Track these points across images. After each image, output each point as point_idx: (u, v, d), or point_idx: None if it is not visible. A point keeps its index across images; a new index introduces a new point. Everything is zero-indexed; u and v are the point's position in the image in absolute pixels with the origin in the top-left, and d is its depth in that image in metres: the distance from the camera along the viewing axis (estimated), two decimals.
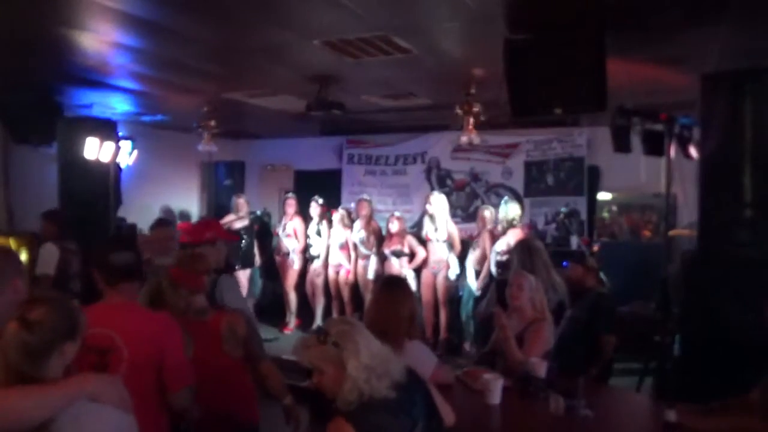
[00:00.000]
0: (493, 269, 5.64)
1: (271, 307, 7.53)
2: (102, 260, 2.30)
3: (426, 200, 6.51)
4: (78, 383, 1.65)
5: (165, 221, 4.73)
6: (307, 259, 7.11)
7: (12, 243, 5.60)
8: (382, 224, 7.02)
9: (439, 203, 6.33)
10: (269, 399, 2.79)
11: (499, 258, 5.61)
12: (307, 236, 7.06)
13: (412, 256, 6.50)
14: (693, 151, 3.85)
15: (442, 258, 6.25)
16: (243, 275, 7.12)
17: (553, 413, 2.68)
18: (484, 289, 5.75)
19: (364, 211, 6.80)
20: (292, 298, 7.19)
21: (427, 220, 6.46)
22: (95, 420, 1.63)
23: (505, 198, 6.48)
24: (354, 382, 1.79)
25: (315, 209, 7.03)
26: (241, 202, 7.18)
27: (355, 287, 6.87)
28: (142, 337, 2.17)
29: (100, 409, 1.64)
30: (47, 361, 1.62)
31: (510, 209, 5.84)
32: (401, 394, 1.83)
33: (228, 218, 7.09)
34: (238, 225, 7.09)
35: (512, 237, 5.53)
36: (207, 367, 2.40)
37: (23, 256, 5.32)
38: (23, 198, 6.41)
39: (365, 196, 7.08)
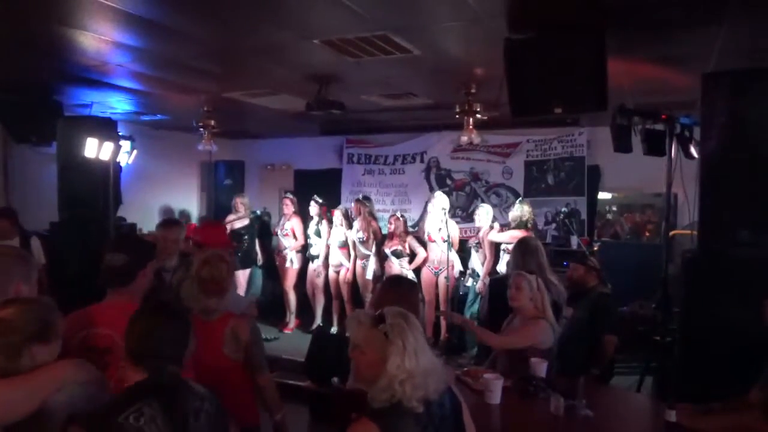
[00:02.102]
0: (501, 268, 5.65)
1: (271, 307, 7.53)
2: (101, 262, 2.30)
3: (429, 200, 6.51)
4: (54, 371, 1.68)
5: (172, 221, 4.60)
6: (307, 258, 7.12)
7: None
8: (384, 224, 7.02)
9: (442, 203, 6.33)
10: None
11: (506, 255, 5.62)
12: (306, 236, 7.07)
13: (412, 256, 6.51)
14: (694, 151, 3.85)
15: (444, 258, 6.25)
16: (242, 275, 7.14)
17: (553, 413, 2.68)
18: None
19: (360, 212, 6.80)
20: (292, 297, 7.20)
21: (429, 220, 6.46)
22: (85, 396, 1.71)
23: (520, 198, 6.50)
24: (390, 381, 1.73)
25: (314, 209, 7.03)
26: (240, 201, 7.18)
27: (355, 287, 6.87)
28: None
29: (84, 387, 1.72)
30: (19, 360, 1.63)
31: (523, 210, 5.83)
32: (432, 409, 1.79)
33: (229, 218, 7.10)
34: (239, 225, 7.09)
35: (515, 237, 5.53)
36: (207, 366, 2.40)
37: None
38: (23, 198, 6.40)
39: (360, 197, 7.09)
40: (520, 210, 5.82)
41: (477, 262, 6.12)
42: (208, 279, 2.66)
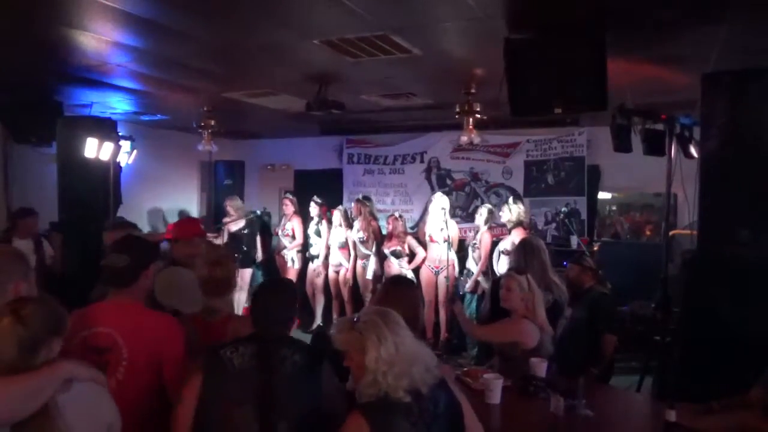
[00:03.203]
0: (499, 268, 5.64)
1: None
2: (101, 262, 2.31)
3: (429, 200, 6.51)
4: (55, 368, 1.70)
5: (122, 224, 4.58)
6: (307, 258, 7.11)
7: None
8: (383, 224, 7.02)
9: (442, 203, 6.32)
10: None
11: (504, 257, 5.61)
12: (306, 236, 7.07)
13: (411, 256, 6.51)
14: (693, 151, 3.85)
15: (443, 258, 6.25)
16: (244, 274, 7.13)
17: (553, 413, 2.68)
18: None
19: (360, 212, 6.80)
20: None
21: (430, 221, 6.45)
22: (90, 395, 1.76)
23: (512, 198, 6.48)
24: (373, 375, 1.78)
25: (314, 209, 7.03)
26: (229, 205, 7.18)
27: (355, 287, 6.87)
28: (143, 338, 2.16)
29: (89, 386, 1.76)
30: (37, 356, 1.68)
31: (516, 209, 5.82)
32: (422, 403, 1.80)
33: (225, 220, 7.10)
34: (234, 228, 7.09)
35: (516, 236, 5.53)
36: None
37: None
38: (23, 198, 6.40)
39: (360, 197, 7.09)
40: (514, 210, 5.80)
41: (473, 262, 6.13)
42: (220, 278, 2.67)
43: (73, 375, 1.73)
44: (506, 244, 5.68)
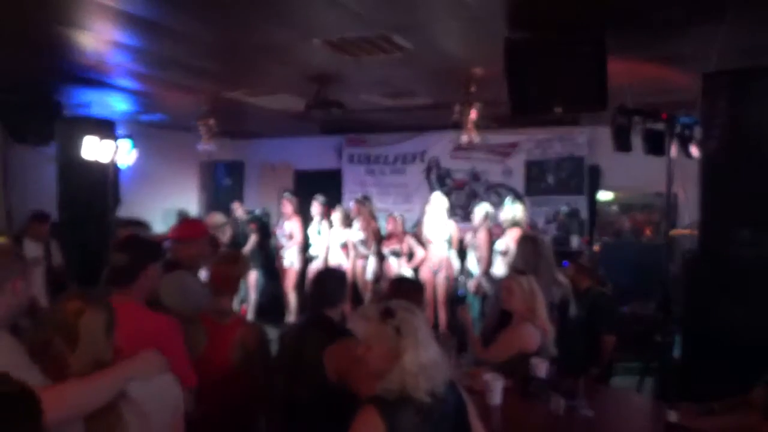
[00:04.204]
0: (496, 269, 5.63)
1: (271, 307, 7.52)
2: (101, 261, 2.31)
3: (427, 200, 6.51)
4: (124, 368, 1.75)
5: (133, 222, 4.56)
6: (306, 258, 7.10)
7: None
8: (383, 224, 7.02)
9: (440, 204, 6.32)
10: None
11: (500, 257, 5.59)
12: (306, 236, 7.05)
13: (411, 255, 6.50)
14: (694, 150, 3.85)
15: (442, 258, 6.24)
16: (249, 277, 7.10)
17: (553, 413, 2.68)
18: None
19: (359, 212, 6.78)
20: (292, 298, 7.18)
21: (427, 221, 6.45)
22: (159, 385, 1.84)
23: (510, 197, 6.46)
24: (403, 374, 1.73)
25: (316, 208, 7.02)
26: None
27: (354, 287, 6.85)
28: (142, 338, 2.15)
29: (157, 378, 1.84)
30: (113, 339, 1.75)
31: (514, 209, 5.79)
32: (435, 403, 1.79)
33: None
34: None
35: (511, 236, 5.51)
36: (213, 367, 2.40)
37: None
38: (22, 198, 6.40)
39: (359, 197, 7.07)
40: (509, 210, 5.78)
41: (473, 261, 6.11)
42: (230, 277, 2.67)
43: (143, 374, 1.76)
44: (501, 244, 5.66)
